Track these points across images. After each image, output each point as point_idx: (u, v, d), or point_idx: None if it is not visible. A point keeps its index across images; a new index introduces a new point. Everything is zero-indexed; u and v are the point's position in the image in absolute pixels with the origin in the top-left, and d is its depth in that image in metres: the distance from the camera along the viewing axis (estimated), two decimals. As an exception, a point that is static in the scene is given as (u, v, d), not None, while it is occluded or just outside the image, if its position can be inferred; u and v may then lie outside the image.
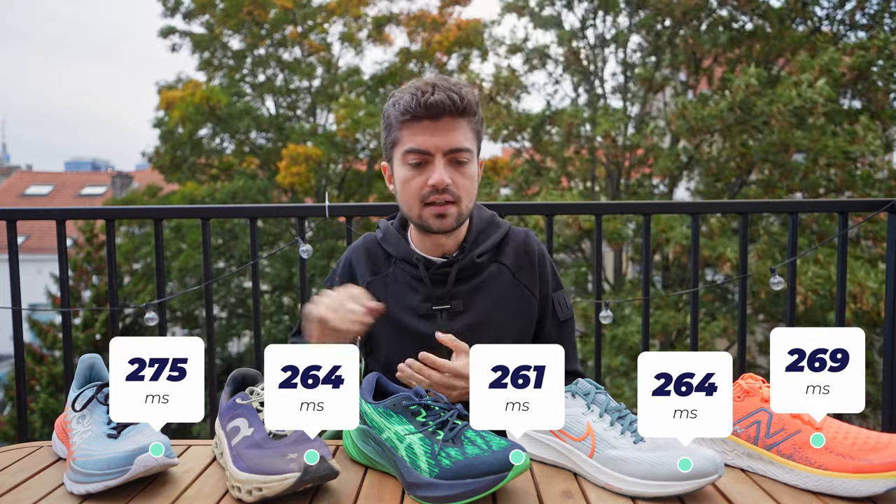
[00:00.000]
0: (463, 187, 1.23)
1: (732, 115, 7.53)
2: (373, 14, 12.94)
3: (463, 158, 1.22)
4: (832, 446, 0.89)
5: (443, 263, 1.28)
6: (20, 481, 0.96)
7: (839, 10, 9.09)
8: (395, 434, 0.93)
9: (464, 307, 1.28)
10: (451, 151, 1.21)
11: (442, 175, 1.20)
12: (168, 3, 12.70)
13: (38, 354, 10.12)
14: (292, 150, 10.93)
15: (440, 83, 1.21)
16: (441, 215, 1.23)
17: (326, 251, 10.95)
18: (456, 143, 1.21)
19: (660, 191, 10.03)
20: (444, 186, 1.20)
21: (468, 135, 1.23)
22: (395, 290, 1.30)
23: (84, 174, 25.55)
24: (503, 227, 1.35)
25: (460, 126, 1.21)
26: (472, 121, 1.24)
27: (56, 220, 1.99)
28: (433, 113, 1.19)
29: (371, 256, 1.35)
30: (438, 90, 1.19)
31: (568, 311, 1.36)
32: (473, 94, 1.24)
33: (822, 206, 3.24)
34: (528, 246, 1.34)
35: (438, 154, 1.20)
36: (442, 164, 1.21)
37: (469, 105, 1.21)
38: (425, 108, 1.18)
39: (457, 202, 1.23)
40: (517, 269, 1.32)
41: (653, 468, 0.87)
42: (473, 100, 1.23)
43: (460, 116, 1.21)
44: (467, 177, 1.23)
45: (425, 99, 1.18)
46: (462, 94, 1.20)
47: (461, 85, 1.23)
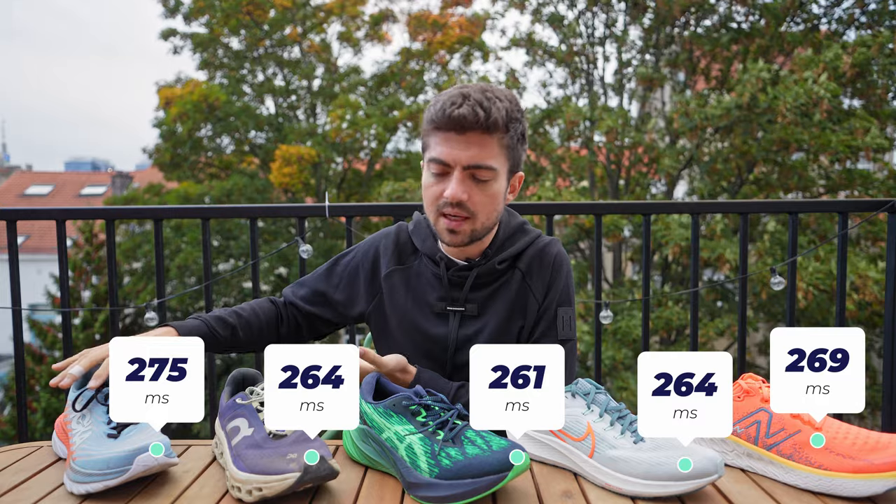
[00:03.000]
0: (480, 204, 1.19)
1: (739, 111, 7.49)
2: (370, 12, 12.94)
3: (483, 177, 1.18)
4: (832, 446, 0.89)
5: (463, 266, 1.27)
6: (20, 481, 0.96)
7: (837, 8, 9.09)
8: (395, 434, 0.93)
9: (477, 312, 1.26)
10: (471, 167, 1.17)
11: (456, 189, 1.17)
12: (168, 3, 12.70)
13: (38, 354, 10.12)
14: (284, 150, 10.93)
15: (474, 94, 1.16)
16: (453, 231, 1.20)
17: (324, 251, 10.96)
18: (477, 159, 1.16)
19: (659, 189, 10.04)
20: (459, 201, 1.17)
21: (494, 151, 1.17)
22: (415, 284, 1.30)
23: (84, 174, 25.54)
24: (530, 235, 1.31)
25: (486, 142, 1.17)
26: (502, 137, 1.18)
27: (56, 221, 1.99)
28: (457, 126, 1.15)
29: (399, 246, 1.34)
30: (468, 103, 1.15)
31: (570, 331, 1.29)
32: (510, 108, 1.18)
33: (821, 207, 3.24)
34: (546, 252, 1.30)
35: (458, 167, 1.17)
36: (460, 177, 1.17)
37: (495, 122, 1.15)
38: (449, 120, 1.15)
39: (471, 218, 1.19)
40: (528, 273, 1.28)
41: (653, 468, 0.87)
42: (505, 116, 1.17)
43: (487, 132, 1.16)
44: (487, 194, 1.19)
45: (451, 111, 1.14)
46: (490, 109, 1.15)
47: (497, 98, 1.17)
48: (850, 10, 8.95)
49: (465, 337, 1.26)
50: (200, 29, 12.90)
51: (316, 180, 11.81)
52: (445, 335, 1.26)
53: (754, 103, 7.40)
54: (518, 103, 1.22)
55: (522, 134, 1.22)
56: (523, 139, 1.23)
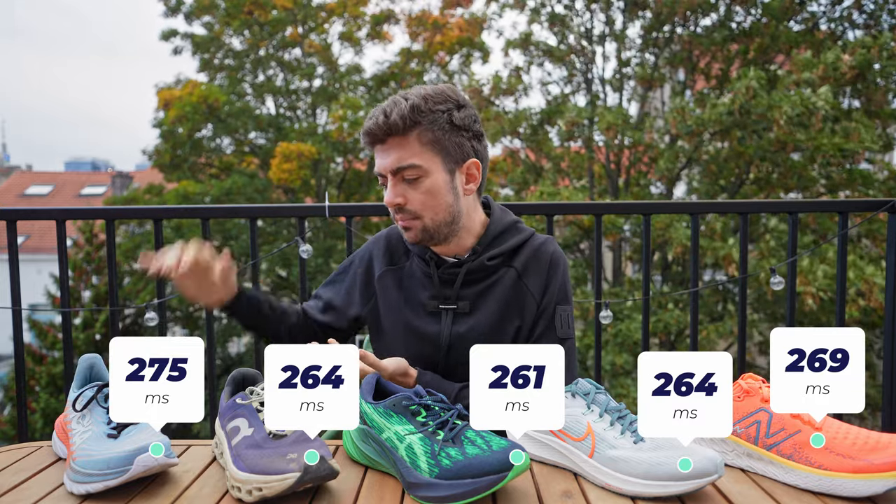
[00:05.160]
0: (419, 202, 1.21)
1: (731, 118, 7.51)
2: (372, 12, 12.93)
3: (409, 175, 1.20)
4: (832, 446, 0.89)
5: (452, 263, 1.28)
6: (20, 481, 0.96)
7: (837, 7, 9.09)
8: (395, 434, 0.93)
9: (470, 309, 1.27)
10: (397, 171, 1.20)
11: (389, 195, 1.22)
12: (169, 3, 12.69)
13: (38, 354, 10.11)
14: (284, 147, 10.94)
15: (385, 105, 1.20)
16: (406, 229, 1.25)
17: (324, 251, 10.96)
18: (398, 161, 1.19)
19: (658, 189, 10.03)
20: (396, 205, 1.22)
21: (415, 149, 1.19)
22: (407, 284, 1.32)
23: (84, 174, 25.54)
24: (524, 233, 1.31)
25: (405, 143, 1.19)
26: (420, 133, 1.19)
27: (56, 221, 1.99)
28: (373, 139, 1.21)
29: (391, 248, 1.37)
30: (374, 114, 1.20)
31: (568, 329, 1.29)
32: (416, 103, 1.18)
33: (822, 206, 3.24)
34: (542, 251, 1.30)
35: (388, 175, 1.22)
36: (392, 183, 1.22)
37: (395, 124, 1.17)
38: (365, 136, 1.22)
39: (418, 218, 1.22)
40: (524, 272, 1.28)
41: (653, 468, 0.87)
42: (404, 115, 1.17)
43: (399, 134, 1.19)
44: (422, 191, 1.21)
45: (366, 128, 1.21)
46: (391, 113, 1.17)
47: (404, 98, 1.19)
48: (849, 9, 8.95)
49: (458, 334, 1.26)
50: (201, 29, 12.90)
51: (316, 180, 11.81)
52: (438, 333, 1.27)
53: (746, 111, 7.41)
54: (439, 95, 1.21)
55: (450, 122, 1.20)
56: (455, 127, 1.21)
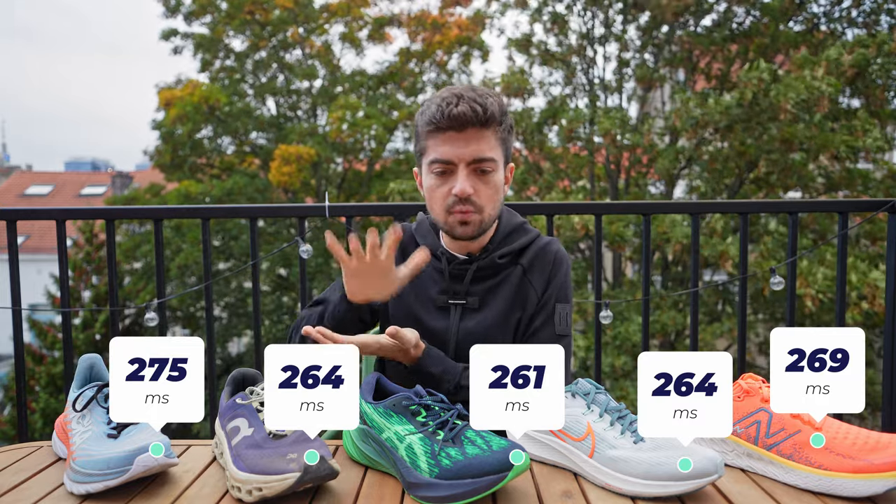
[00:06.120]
0: (486, 196, 1.25)
1: (740, 109, 7.48)
2: (374, 15, 12.93)
3: (486, 168, 1.24)
4: (832, 446, 0.89)
5: (463, 260, 1.31)
6: (20, 481, 0.96)
7: (836, 7, 9.08)
8: (395, 434, 0.93)
9: (479, 305, 1.30)
10: (475, 161, 1.23)
11: (464, 185, 1.23)
12: (169, 3, 12.67)
13: (38, 354, 10.11)
14: (284, 150, 10.94)
15: (466, 94, 1.23)
16: (464, 222, 1.26)
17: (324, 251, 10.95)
18: (479, 153, 1.23)
19: (658, 189, 10.02)
20: (467, 196, 1.23)
21: (492, 144, 1.24)
22: (418, 280, 1.33)
23: (84, 174, 25.54)
24: (531, 234, 1.36)
25: (484, 136, 1.23)
26: (497, 130, 1.25)
27: (56, 221, 1.99)
28: (457, 124, 1.21)
29: (403, 244, 1.38)
30: (463, 101, 1.21)
31: (566, 327, 1.34)
32: (500, 102, 1.25)
33: (821, 206, 3.23)
34: (547, 250, 1.35)
35: (462, 164, 1.23)
36: (465, 173, 1.23)
37: (493, 115, 1.23)
38: (449, 120, 1.21)
39: (479, 211, 1.25)
40: (529, 268, 1.33)
41: (653, 468, 0.87)
42: (498, 109, 1.24)
43: (484, 126, 1.23)
44: (491, 186, 1.26)
45: (449, 110, 1.21)
46: (486, 104, 1.22)
47: (487, 95, 1.24)
48: (848, 8, 8.94)
49: (467, 329, 1.29)
50: (201, 29, 12.88)
51: (316, 180, 11.80)
52: (447, 328, 1.30)
53: (756, 102, 7.39)
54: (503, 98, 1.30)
55: (511, 126, 1.30)
56: (512, 130, 1.31)
